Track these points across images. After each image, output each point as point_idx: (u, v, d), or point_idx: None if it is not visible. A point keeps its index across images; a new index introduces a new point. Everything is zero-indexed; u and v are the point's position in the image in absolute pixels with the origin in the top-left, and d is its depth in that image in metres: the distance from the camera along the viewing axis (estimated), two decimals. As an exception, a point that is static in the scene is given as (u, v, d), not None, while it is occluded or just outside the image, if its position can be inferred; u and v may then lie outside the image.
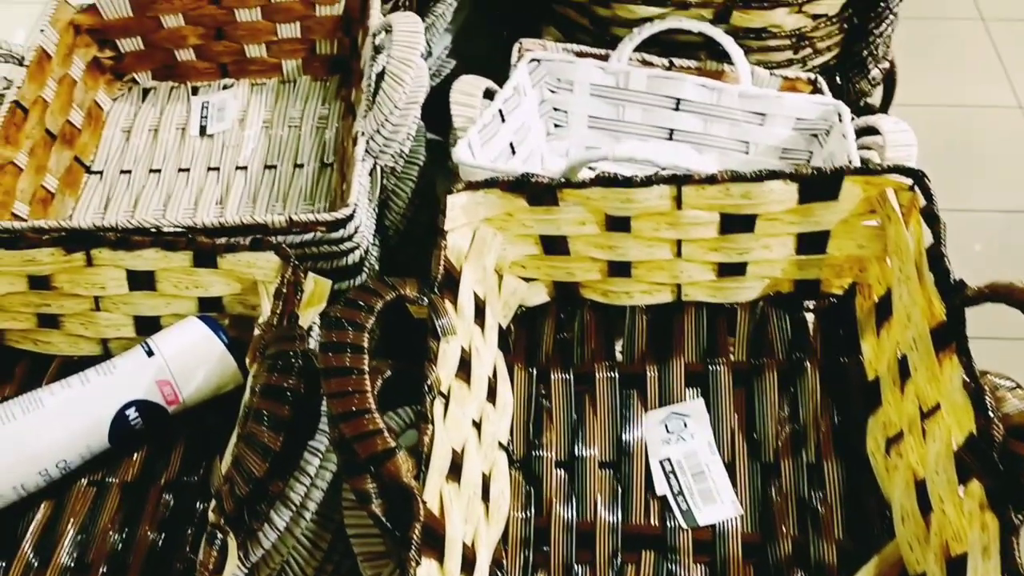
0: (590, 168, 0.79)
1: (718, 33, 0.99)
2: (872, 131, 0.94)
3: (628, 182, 0.70)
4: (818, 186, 0.69)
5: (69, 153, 0.92)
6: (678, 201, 0.70)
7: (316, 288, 0.74)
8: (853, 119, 0.94)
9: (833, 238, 0.72)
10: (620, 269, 0.75)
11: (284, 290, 0.71)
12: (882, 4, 1.04)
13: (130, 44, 0.98)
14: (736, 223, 0.71)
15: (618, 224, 0.72)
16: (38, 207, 0.87)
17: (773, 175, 0.68)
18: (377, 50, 0.91)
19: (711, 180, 0.69)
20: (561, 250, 0.75)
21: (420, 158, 0.93)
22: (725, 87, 0.98)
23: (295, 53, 1.00)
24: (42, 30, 0.91)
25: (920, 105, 1.51)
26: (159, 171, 0.94)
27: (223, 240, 0.76)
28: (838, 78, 1.10)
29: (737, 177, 0.69)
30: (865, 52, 1.09)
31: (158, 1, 0.95)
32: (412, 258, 0.96)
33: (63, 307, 0.77)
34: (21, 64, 0.89)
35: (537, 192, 0.71)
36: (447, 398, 0.63)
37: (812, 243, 0.73)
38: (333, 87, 1.01)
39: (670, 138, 1.01)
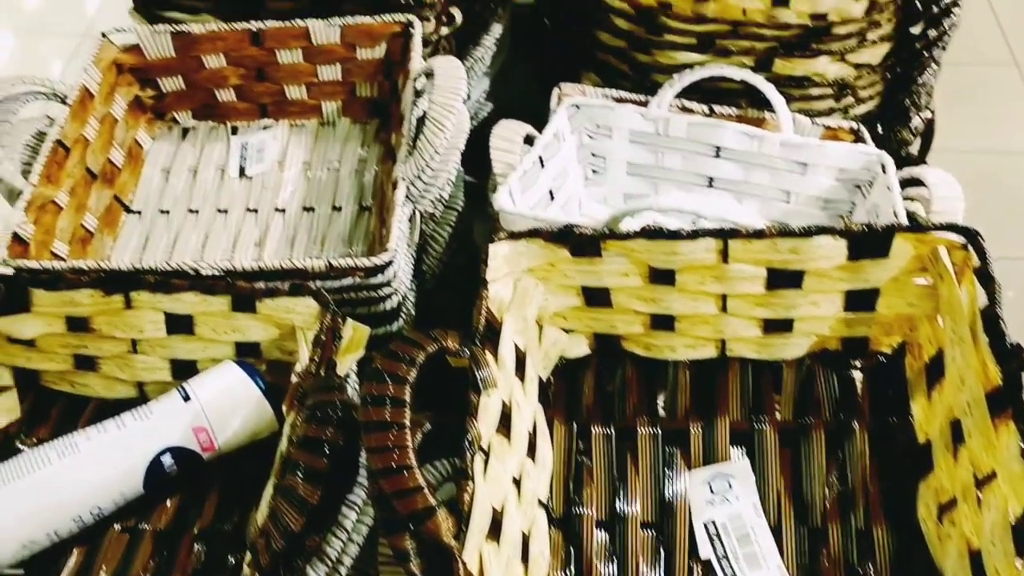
0: (631, 217, 0.78)
1: (760, 81, 0.98)
2: (916, 182, 0.92)
3: (674, 235, 0.69)
4: (868, 243, 0.68)
5: (109, 192, 0.92)
6: (724, 255, 0.69)
7: (355, 335, 0.73)
8: (897, 170, 0.93)
9: (883, 296, 0.71)
10: (663, 323, 0.74)
11: (323, 337, 0.71)
12: (925, 54, 1.03)
13: (171, 84, 0.98)
14: (783, 279, 0.70)
15: (662, 277, 0.71)
16: (77, 246, 0.87)
17: (822, 231, 0.67)
18: (418, 94, 0.91)
19: (759, 234, 0.68)
20: (603, 302, 0.74)
21: (459, 203, 0.93)
22: (766, 135, 0.97)
23: (335, 95, 1.00)
24: (85, 69, 0.92)
25: (955, 151, 1.50)
26: (197, 211, 0.94)
27: (262, 285, 0.76)
28: (879, 127, 1.09)
29: (785, 232, 0.68)
30: (907, 101, 1.08)
31: (201, 41, 0.96)
32: (448, 302, 0.96)
33: (100, 349, 0.77)
34: (64, 102, 0.89)
35: (580, 243, 0.70)
36: (487, 454, 0.62)
37: (861, 300, 0.71)
38: (372, 130, 1.00)
39: (710, 185, 1.00)
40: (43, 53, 1.90)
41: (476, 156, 0.95)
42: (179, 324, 0.75)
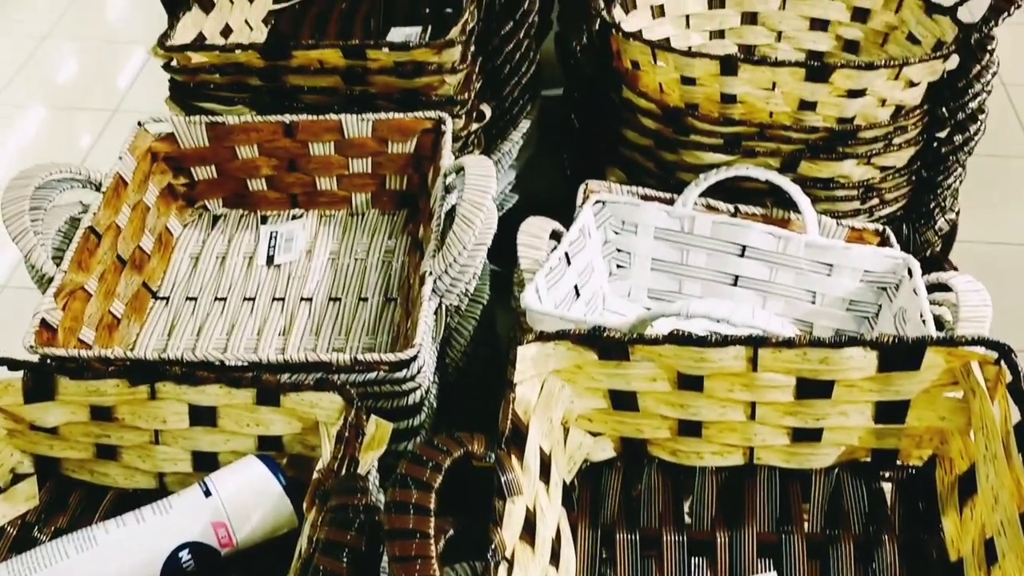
0: (659, 321, 0.78)
1: (785, 182, 0.99)
2: (943, 287, 0.92)
3: (702, 341, 0.68)
4: (899, 355, 0.67)
5: (138, 278, 0.93)
6: (754, 363, 0.69)
7: (377, 431, 0.72)
8: (923, 272, 0.93)
9: (913, 408, 0.70)
10: (691, 428, 0.73)
11: (346, 433, 0.70)
12: (950, 158, 1.04)
13: (204, 172, 1.00)
14: (813, 388, 0.69)
15: (690, 383, 0.71)
16: (104, 333, 0.87)
17: (853, 342, 0.67)
18: (448, 189, 0.92)
19: (788, 343, 0.68)
20: (630, 406, 0.73)
21: (484, 296, 0.93)
22: (792, 236, 0.98)
23: (365, 187, 1.01)
24: (121, 157, 0.93)
25: (976, 242, 1.50)
26: (224, 299, 0.94)
27: (287, 378, 0.76)
28: (904, 227, 1.09)
29: (816, 342, 0.67)
30: (933, 204, 1.08)
31: (235, 132, 0.97)
32: (470, 394, 0.95)
33: (123, 439, 0.76)
34: (98, 189, 0.91)
35: (609, 346, 0.70)
36: (511, 563, 0.60)
37: (891, 412, 0.70)
38: (400, 221, 1.01)
39: (735, 284, 1.00)
40: (75, 128, 1.94)
41: (501, 245, 0.96)
42: (203, 416, 0.75)
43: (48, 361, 0.78)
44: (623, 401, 0.73)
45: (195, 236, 1.00)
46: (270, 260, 0.98)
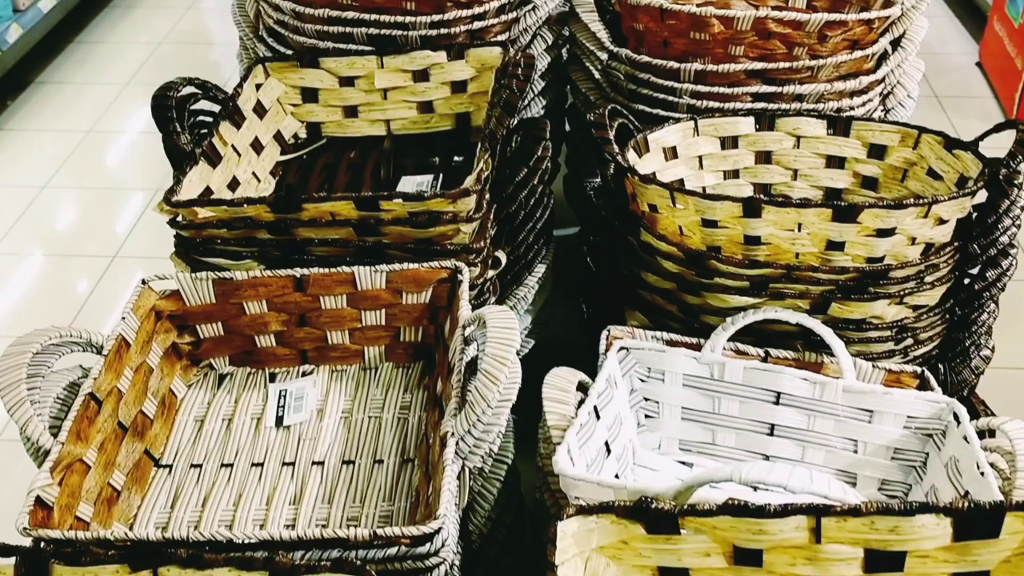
0: (697, 486, 0.72)
1: (816, 324, 0.95)
2: (990, 431, 0.87)
3: (760, 511, 0.63)
4: (975, 522, 0.62)
5: (140, 446, 0.87)
6: (817, 534, 0.63)
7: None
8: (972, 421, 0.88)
9: (994, 579, 0.64)
10: (749, 607, 0.67)
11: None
12: (984, 294, 1.01)
13: (210, 330, 0.96)
14: (883, 560, 0.63)
15: (748, 557, 0.65)
16: (103, 508, 0.81)
17: (924, 508, 0.61)
18: (467, 341, 0.87)
19: (854, 512, 0.62)
20: (681, 583, 0.67)
21: (509, 456, 0.87)
22: (828, 381, 0.93)
23: (378, 340, 0.97)
24: (124, 317, 0.89)
25: (1006, 368, 1.45)
26: (231, 465, 0.88)
27: (301, 556, 0.70)
28: (941, 367, 1.05)
29: (884, 510, 0.62)
30: (968, 342, 1.04)
31: (243, 288, 0.93)
32: (493, 562, 0.88)
33: (121, 632, 0.69)
34: (99, 352, 0.86)
35: (657, 519, 0.64)
36: None
37: (970, 584, 0.64)
38: (416, 374, 0.97)
39: (771, 434, 0.95)
40: (72, 274, 1.91)
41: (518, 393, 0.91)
42: (211, 604, 0.68)
43: (43, 544, 0.72)
44: (673, 578, 0.67)
45: (200, 397, 0.95)
46: (279, 421, 0.92)
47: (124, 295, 1.87)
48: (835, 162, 1.13)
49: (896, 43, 1.18)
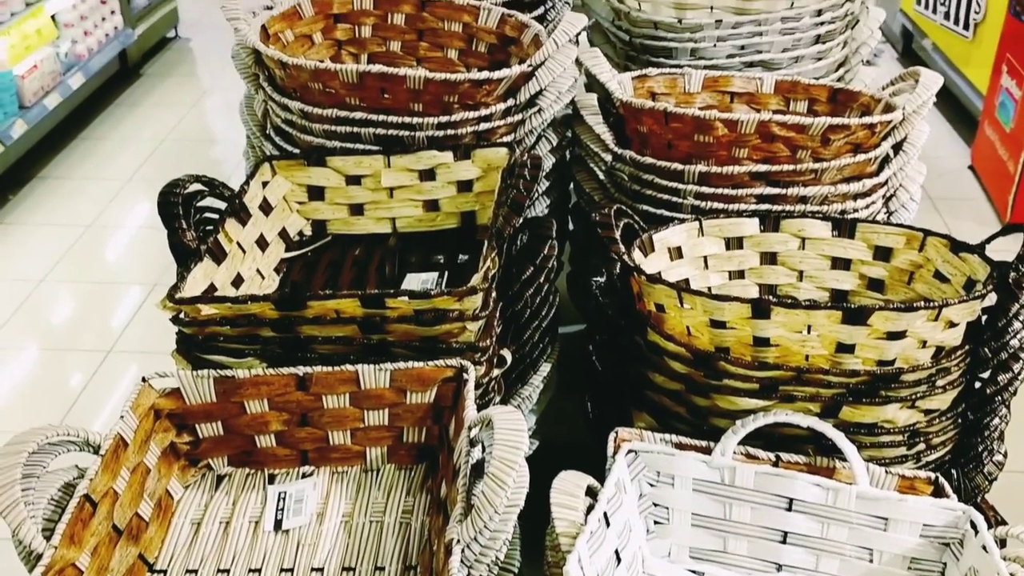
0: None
1: (828, 429, 0.93)
2: (1002, 541, 0.85)
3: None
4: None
5: (134, 550, 0.84)
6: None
7: None
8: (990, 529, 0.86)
9: None
10: None
11: None
12: (996, 398, 0.99)
13: (209, 429, 0.93)
14: None
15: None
16: (92, 617, 0.78)
17: (954, 625, 0.59)
18: (472, 443, 0.85)
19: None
20: None
21: (515, 564, 0.84)
22: (841, 487, 0.91)
23: (381, 441, 0.95)
24: (122, 416, 0.87)
25: (1018, 472, 1.42)
26: (227, 571, 0.85)
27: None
28: (953, 473, 1.03)
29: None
30: (981, 447, 1.03)
31: (245, 386, 0.92)
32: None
33: None
34: (96, 452, 0.84)
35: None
36: None
37: None
38: (419, 476, 0.94)
39: (784, 542, 0.93)
40: (67, 368, 1.89)
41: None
42: None
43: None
44: None
45: (197, 499, 0.92)
46: (278, 525, 0.89)
47: (118, 390, 1.85)
48: (840, 263, 1.13)
49: (898, 147, 1.19)
